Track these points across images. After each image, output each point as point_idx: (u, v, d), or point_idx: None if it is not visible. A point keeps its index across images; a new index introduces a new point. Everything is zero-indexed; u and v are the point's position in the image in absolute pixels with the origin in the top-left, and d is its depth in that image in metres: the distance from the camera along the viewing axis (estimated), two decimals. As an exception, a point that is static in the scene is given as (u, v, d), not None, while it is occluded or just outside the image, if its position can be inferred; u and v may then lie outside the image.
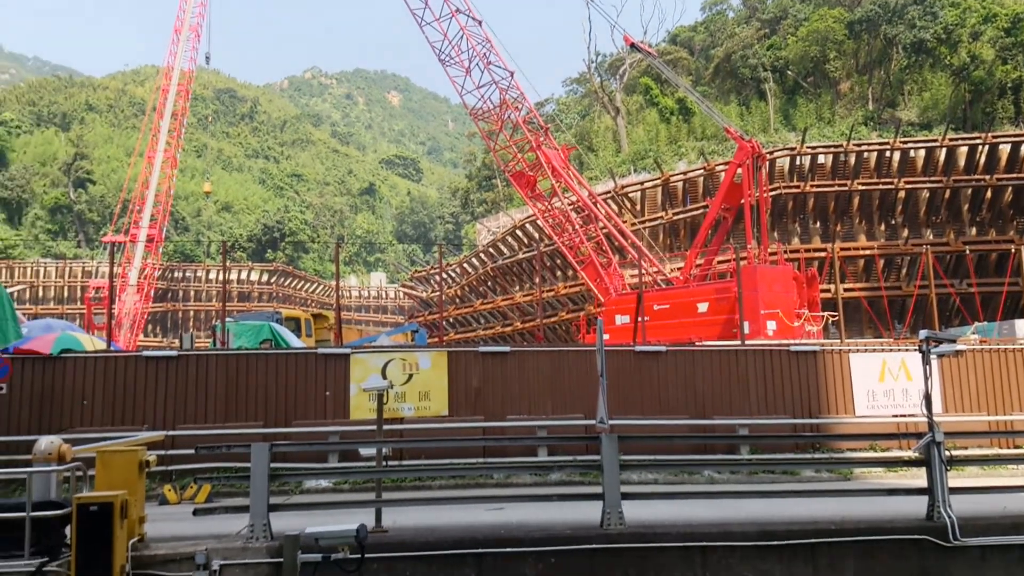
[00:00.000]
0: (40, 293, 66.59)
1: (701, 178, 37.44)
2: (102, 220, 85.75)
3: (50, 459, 10.06)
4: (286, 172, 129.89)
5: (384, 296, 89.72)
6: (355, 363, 17.26)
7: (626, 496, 10.44)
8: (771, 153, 34.75)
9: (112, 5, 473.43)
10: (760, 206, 28.49)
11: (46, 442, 10.24)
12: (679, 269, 31.60)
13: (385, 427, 11.70)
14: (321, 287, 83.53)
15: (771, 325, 23.89)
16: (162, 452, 14.35)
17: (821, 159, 36.28)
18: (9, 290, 23.01)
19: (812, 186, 35.52)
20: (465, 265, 51.06)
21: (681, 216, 37.25)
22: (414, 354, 17.82)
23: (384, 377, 17.10)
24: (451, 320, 48.43)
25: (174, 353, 17.07)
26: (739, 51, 62.28)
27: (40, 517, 9.40)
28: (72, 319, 51.23)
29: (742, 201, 28.53)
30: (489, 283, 47.45)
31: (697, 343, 20.34)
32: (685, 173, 38.84)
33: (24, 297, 62.37)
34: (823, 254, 33.87)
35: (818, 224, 37.10)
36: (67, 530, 9.47)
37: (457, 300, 50.09)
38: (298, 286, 79.60)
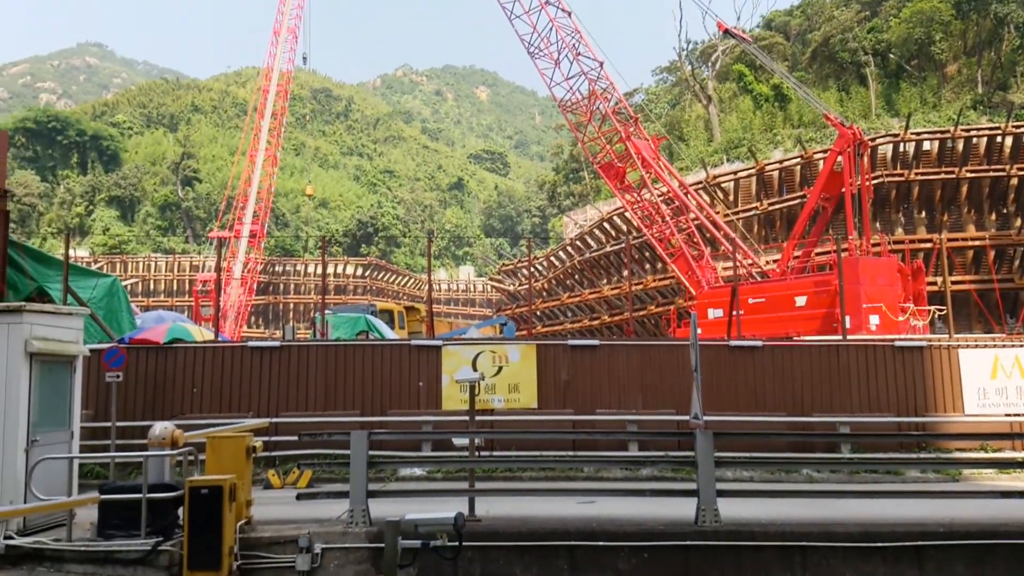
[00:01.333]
0: (151, 286, 70.40)
1: (798, 167, 36.28)
2: (208, 217, 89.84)
3: (164, 444, 10.58)
4: (379, 169, 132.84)
5: (472, 289, 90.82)
6: (447, 355, 17.52)
7: (721, 493, 10.27)
8: (873, 140, 33.32)
9: (215, 9, 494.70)
10: (862, 195, 27.43)
11: (160, 428, 10.80)
12: (775, 261, 30.73)
13: (476, 418, 11.86)
14: (412, 280, 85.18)
15: (874, 320, 23.00)
16: (266, 438, 14.94)
17: (926, 145, 34.58)
18: (123, 283, 24.38)
19: (917, 174, 33.91)
20: (552, 258, 51.05)
21: (777, 206, 36.21)
22: (504, 346, 17.95)
23: (475, 369, 17.28)
24: (538, 313, 48.55)
25: (277, 343, 17.71)
26: (838, 35, 59.88)
27: (155, 499, 9.91)
28: (181, 311, 53.84)
29: (842, 190, 27.53)
30: (576, 276, 47.33)
31: (795, 338, 19.77)
32: (781, 162, 37.72)
33: (137, 290, 65.98)
34: (929, 245, 32.29)
35: (923, 214, 35.37)
36: (180, 512, 9.95)
37: (544, 293, 50.17)
38: (390, 279, 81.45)
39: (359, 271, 77.53)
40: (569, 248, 48.00)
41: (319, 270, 69.94)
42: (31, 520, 10.42)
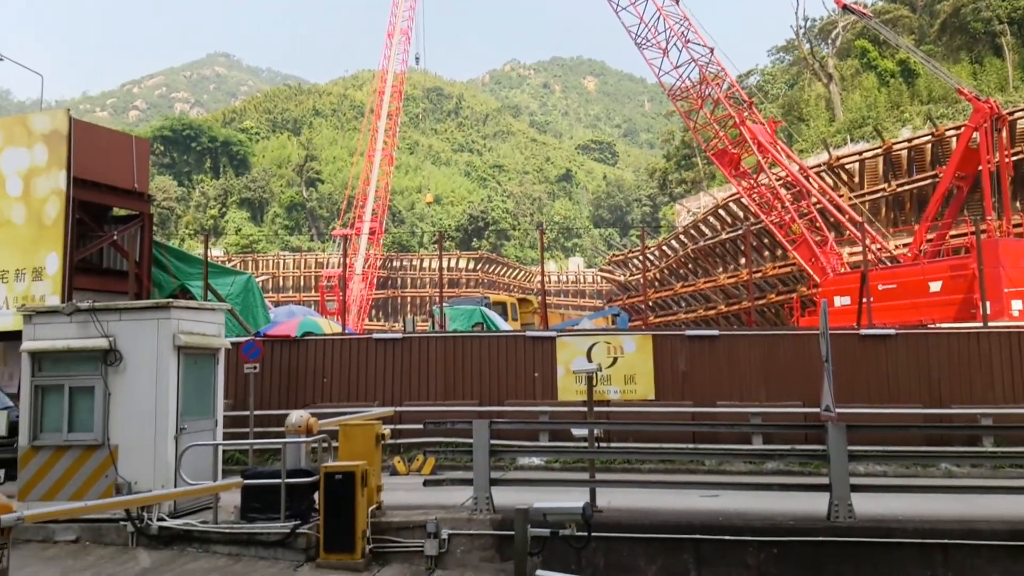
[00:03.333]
0: (280, 283, 74.09)
1: (929, 145, 34.17)
2: (331, 215, 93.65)
3: (300, 431, 11.13)
4: (488, 164, 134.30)
5: (582, 280, 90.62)
6: (561, 346, 17.58)
7: (855, 488, 9.89)
8: (1011, 114, 30.91)
9: (332, 16, 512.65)
10: (1001, 173, 25.69)
11: (296, 416, 11.35)
12: (906, 245, 29.16)
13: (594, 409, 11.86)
14: (522, 272, 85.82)
15: (1017, 305, 21.50)
16: (392, 426, 15.44)
17: (1073, 117, 31.87)
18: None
19: (1063, 148, 31.32)
20: (664, 247, 50.20)
21: (907, 187, 34.23)
22: (618, 337, 17.84)
23: (589, 360, 17.27)
24: (651, 303, 47.87)
25: (399, 335, 18.28)
26: (969, 4, 55.91)
27: (293, 484, 10.43)
28: (308, 305, 56.28)
29: (979, 168, 25.84)
30: (690, 265, 46.37)
31: (930, 325, 18.73)
32: (910, 140, 35.64)
33: (267, 286, 69.47)
34: (1078, 224, 29.81)
35: (1072, 191, 32.65)
36: (315, 496, 10.43)
37: (656, 283, 49.42)
38: (501, 272, 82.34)
39: (471, 265, 78.83)
40: (682, 236, 47.07)
41: (434, 264, 71.55)
42: (180, 504, 11.18)
